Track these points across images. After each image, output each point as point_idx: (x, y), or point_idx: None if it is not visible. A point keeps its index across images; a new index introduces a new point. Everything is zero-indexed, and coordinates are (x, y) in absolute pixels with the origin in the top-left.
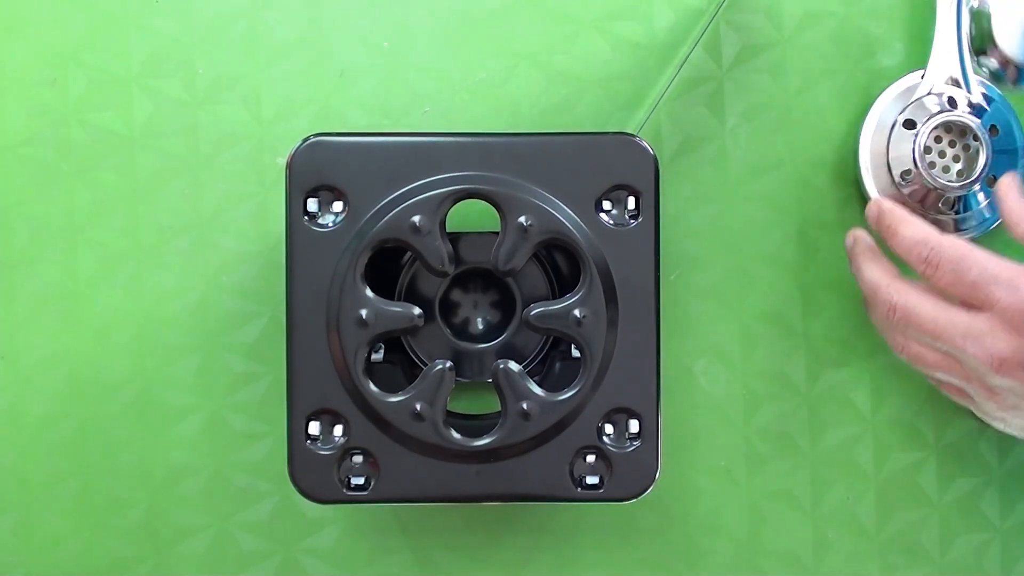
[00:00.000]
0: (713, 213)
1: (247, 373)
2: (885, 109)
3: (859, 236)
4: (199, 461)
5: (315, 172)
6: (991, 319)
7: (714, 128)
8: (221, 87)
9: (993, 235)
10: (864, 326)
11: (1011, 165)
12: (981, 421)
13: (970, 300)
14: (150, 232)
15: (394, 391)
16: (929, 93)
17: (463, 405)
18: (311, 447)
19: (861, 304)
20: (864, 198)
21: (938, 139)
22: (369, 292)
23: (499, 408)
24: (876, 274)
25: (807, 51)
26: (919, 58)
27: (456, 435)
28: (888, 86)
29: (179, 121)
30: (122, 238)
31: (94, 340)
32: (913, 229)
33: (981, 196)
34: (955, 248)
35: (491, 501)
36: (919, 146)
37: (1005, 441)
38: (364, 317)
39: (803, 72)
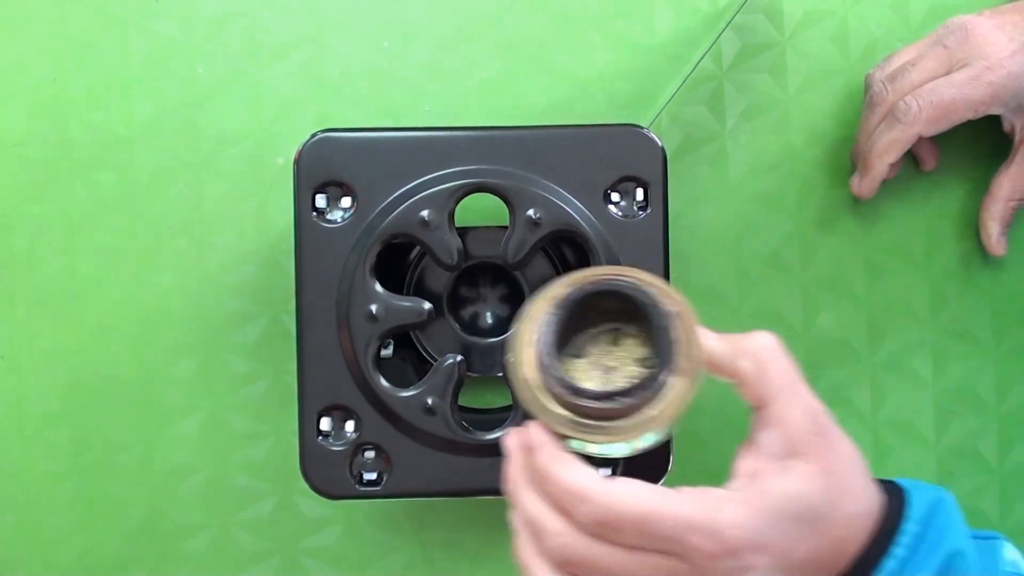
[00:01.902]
0: (713, 213)
1: (247, 373)
2: None
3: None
4: (199, 461)
5: (323, 168)
6: (690, 561)
7: (714, 128)
8: (221, 87)
9: None
10: (863, 326)
11: None
12: None
13: (663, 551)
14: (150, 232)
15: (404, 387)
16: None
17: (472, 399)
18: (323, 443)
19: (860, 304)
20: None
21: None
22: (379, 287)
23: (510, 402)
24: (539, 510)
25: (807, 51)
26: None
27: (468, 429)
28: None
29: (179, 121)
30: (122, 238)
31: (94, 340)
32: (575, 475)
33: None
34: (634, 504)
35: (504, 495)
36: None
37: (1005, 441)
38: (374, 312)
39: (803, 72)
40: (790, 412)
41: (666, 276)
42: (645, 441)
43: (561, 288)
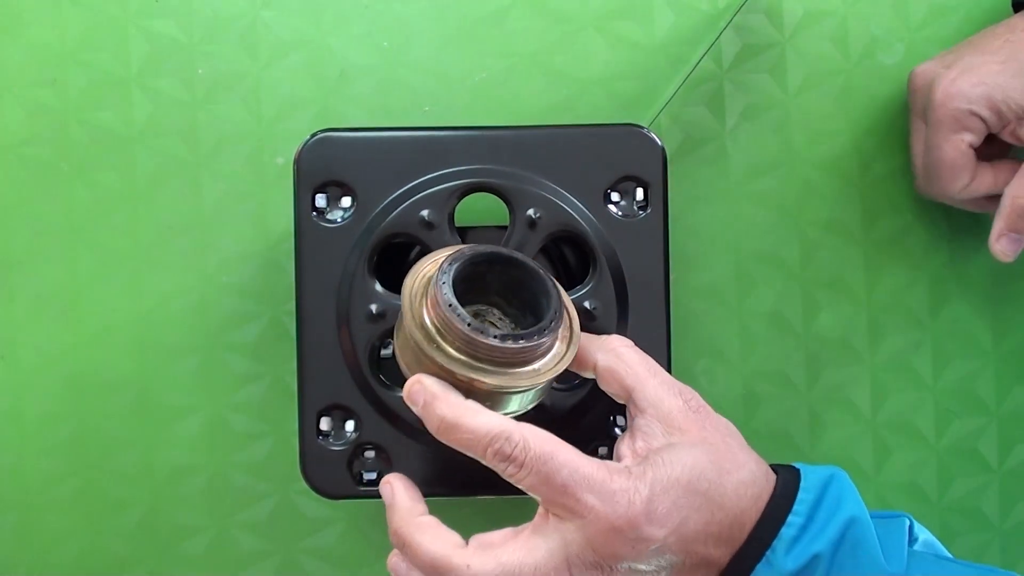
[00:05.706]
0: (713, 213)
1: (247, 373)
2: None
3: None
4: (199, 461)
5: (323, 168)
6: (585, 530)
7: (714, 128)
8: (221, 87)
9: None
10: (863, 326)
11: None
12: None
13: (555, 505)
14: (150, 232)
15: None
16: None
17: None
18: (323, 443)
19: (860, 304)
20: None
21: None
22: (379, 287)
23: None
24: (440, 548)
25: (807, 51)
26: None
27: None
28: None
29: (179, 121)
30: (122, 238)
31: (94, 340)
32: (484, 419)
33: None
34: (541, 444)
35: (504, 494)
36: None
37: (1005, 441)
38: (374, 312)
39: (803, 72)
40: (658, 394)
41: (666, 276)
42: (525, 399)
43: (450, 251)
